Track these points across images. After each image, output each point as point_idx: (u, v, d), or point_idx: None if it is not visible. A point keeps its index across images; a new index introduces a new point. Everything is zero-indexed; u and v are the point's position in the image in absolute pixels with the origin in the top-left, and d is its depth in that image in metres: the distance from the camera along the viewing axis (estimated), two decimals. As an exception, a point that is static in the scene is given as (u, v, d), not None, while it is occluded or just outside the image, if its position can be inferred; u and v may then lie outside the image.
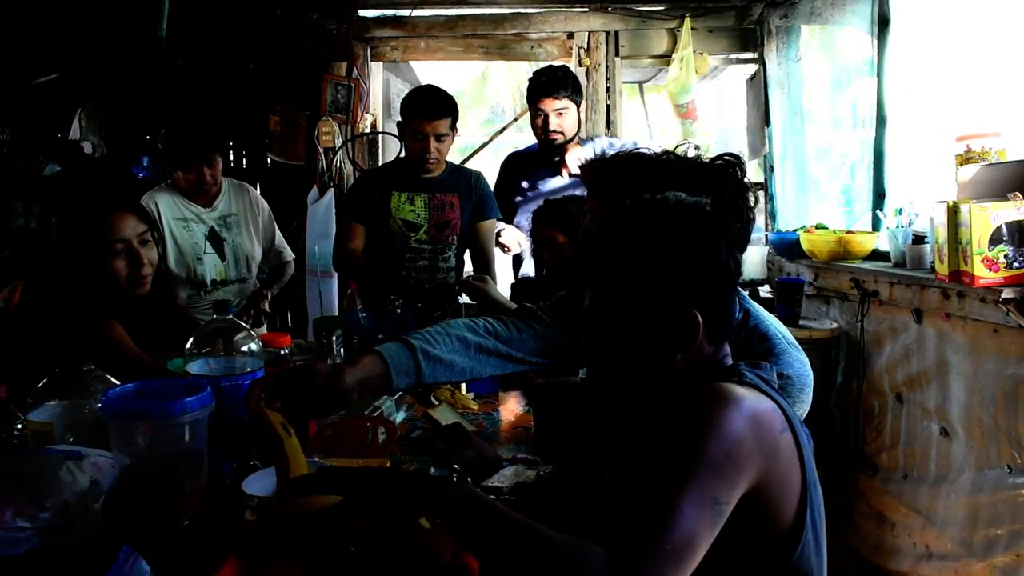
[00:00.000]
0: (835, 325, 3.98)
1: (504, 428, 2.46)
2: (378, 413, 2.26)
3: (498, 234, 3.79)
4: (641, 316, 1.33)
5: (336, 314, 4.87)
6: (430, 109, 3.38)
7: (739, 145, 5.15)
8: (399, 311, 3.17)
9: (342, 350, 2.91)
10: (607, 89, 4.96)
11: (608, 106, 4.97)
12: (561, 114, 3.73)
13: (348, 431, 2.06)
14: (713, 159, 1.90)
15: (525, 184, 3.94)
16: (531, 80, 3.83)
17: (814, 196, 4.71)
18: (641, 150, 2.01)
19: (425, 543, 1.21)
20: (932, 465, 3.39)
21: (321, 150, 4.96)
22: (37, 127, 5.44)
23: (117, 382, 1.78)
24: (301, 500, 1.22)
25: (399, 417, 2.38)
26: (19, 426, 1.87)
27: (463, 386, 2.81)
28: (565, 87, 3.71)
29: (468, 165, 4.25)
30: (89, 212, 2.58)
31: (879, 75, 3.86)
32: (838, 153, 4.55)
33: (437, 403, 2.60)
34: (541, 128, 3.77)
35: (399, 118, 3.52)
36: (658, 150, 1.99)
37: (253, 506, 1.25)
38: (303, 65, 4.85)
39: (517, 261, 4.04)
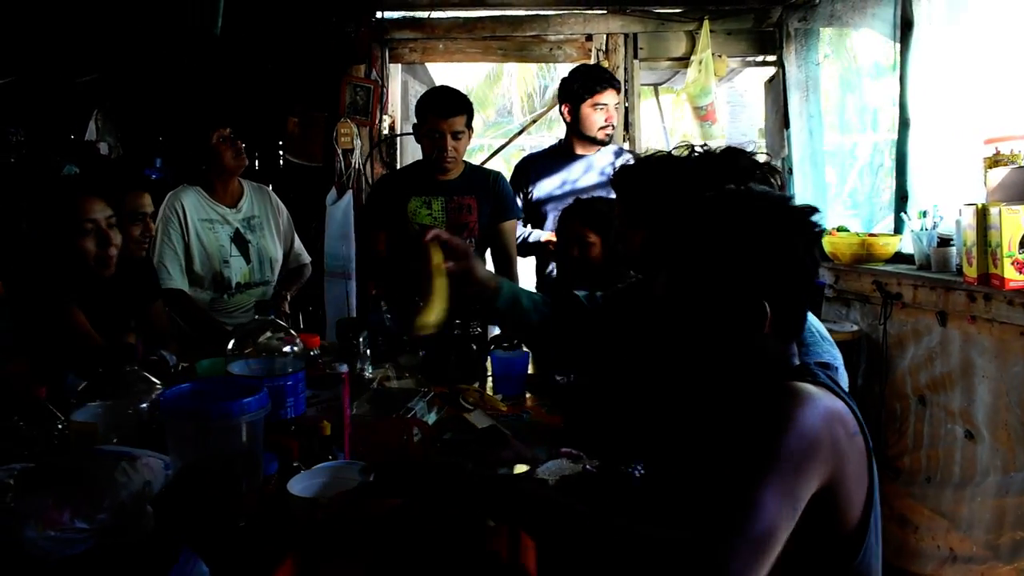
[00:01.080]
0: (855, 328, 3.97)
1: (535, 429, 2.46)
2: (411, 414, 2.26)
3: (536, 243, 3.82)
4: (712, 300, 1.34)
5: (353, 315, 4.88)
6: (445, 107, 3.39)
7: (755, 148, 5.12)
8: None
9: (368, 351, 2.91)
10: (625, 91, 4.95)
11: (626, 108, 4.96)
12: (610, 108, 3.81)
13: (384, 432, 2.06)
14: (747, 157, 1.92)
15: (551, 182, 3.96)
16: (573, 78, 3.88)
17: (831, 199, 4.70)
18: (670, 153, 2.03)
19: (487, 542, 1.21)
20: (956, 468, 3.37)
21: (340, 152, 4.97)
22: (51, 128, 5.46)
23: (158, 382, 1.78)
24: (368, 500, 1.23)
25: (430, 419, 2.38)
26: (60, 426, 1.88)
27: (488, 386, 2.82)
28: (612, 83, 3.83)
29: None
30: (61, 194, 2.75)
31: (902, 78, 3.85)
32: (854, 156, 4.54)
33: (467, 405, 2.61)
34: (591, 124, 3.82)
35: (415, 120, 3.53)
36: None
37: (322, 505, 1.25)
38: (321, 67, 4.84)
39: (541, 261, 4.03)
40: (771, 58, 5.01)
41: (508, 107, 15.39)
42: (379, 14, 4.93)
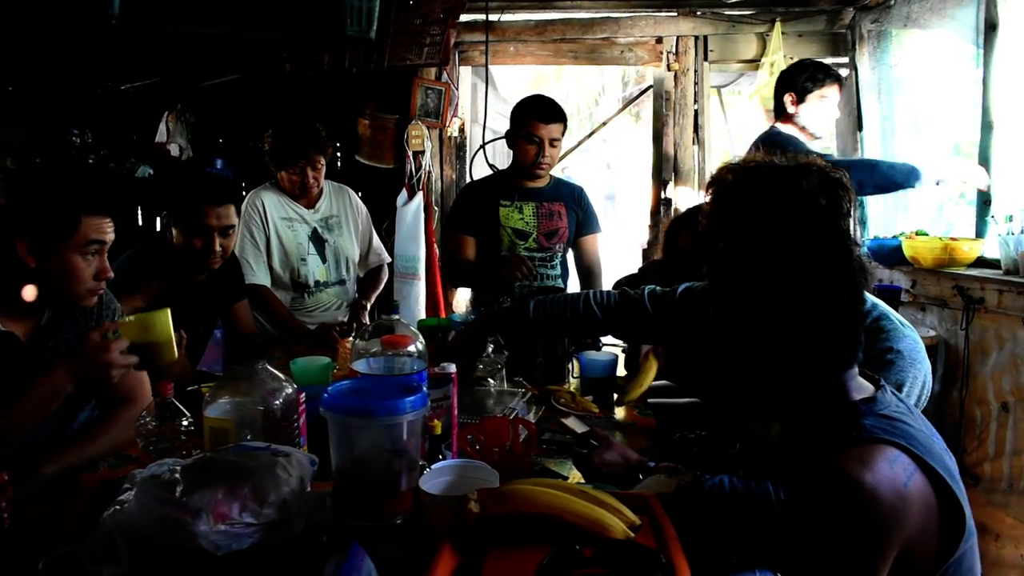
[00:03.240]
0: (933, 333, 3.92)
1: (628, 431, 2.47)
2: (514, 414, 2.28)
3: None
4: (757, 339, 1.41)
5: (423, 316, 4.92)
6: (546, 113, 3.41)
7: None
8: None
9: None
10: (695, 94, 4.94)
11: (696, 111, 4.95)
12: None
13: (492, 432, 2.08)
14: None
15: None
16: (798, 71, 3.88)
17: (901, 202, 4.66)
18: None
19: (637, 538, 1.24)
20: (1041, 476, 3.34)
21: (410, 153, 5.01)
22: (119, 129, 5.58)
23: (283, 378, 1.82)
24: (525, 496, 1.26)
25: (531, 419, 2.40)
26: (185, 423, 1.92)
27: (571, 385, 2.83)
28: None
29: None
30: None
31: (985, 80, 3.81)
32: (931, 159, 4.48)
33: (559, 406, 2.62)
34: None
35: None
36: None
37: (474, 500, 1.27)
38: (398, 69, 4.88)
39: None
40: (842, 60, 4.96)
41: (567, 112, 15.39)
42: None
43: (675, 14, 4.94)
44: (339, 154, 5.28)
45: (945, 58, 4.30)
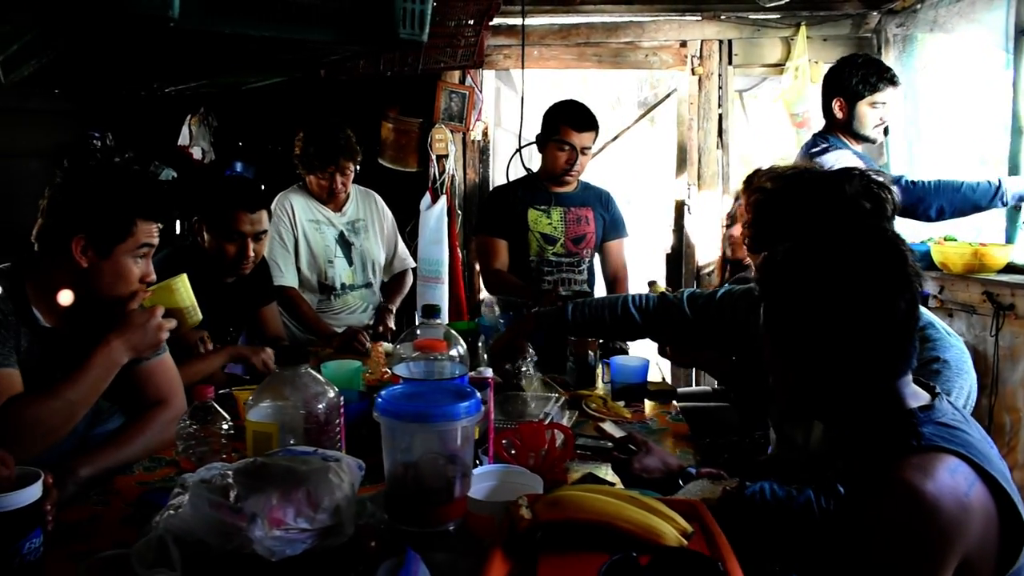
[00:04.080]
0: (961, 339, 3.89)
1: (662, 436, 2.46)
2: (549, 419, 2.28)
3: None
4: (818, 342, 1.40)
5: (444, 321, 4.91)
6: (581, 121, 3.41)
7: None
8: None
9: (486, 356, 2.94)
10: (719, 98, 4.94)
11: (720, 115, 4.94)
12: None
13: (528, 437, 2.07)
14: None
15: None
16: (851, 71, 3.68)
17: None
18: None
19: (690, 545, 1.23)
20: (1074, 484, 3.30)
21: (434, 157, 5.01)
22: (140, 132, 5.62)
23: (325, 382, 1.81)
24: (578, 503, 1.25)
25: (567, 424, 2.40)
26: (225, 426, 1.92)
27: (598, 388, 2.82)
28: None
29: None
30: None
31: (1015, 84, 3.78)
32: (958, 163, 4.46)
33: (591, 411, 2.62)
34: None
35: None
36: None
37: (525, 505, 1.27)
38: (431, 72, 4.88)
39: None
40: (867, 64, 4.94)
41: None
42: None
43: (699, 18, 4.93)
44: (365, 158, 5.28)
45: (973, 62, 4.26)
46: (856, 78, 3.54)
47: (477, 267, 4.79)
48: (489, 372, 2.09)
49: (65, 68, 1.57)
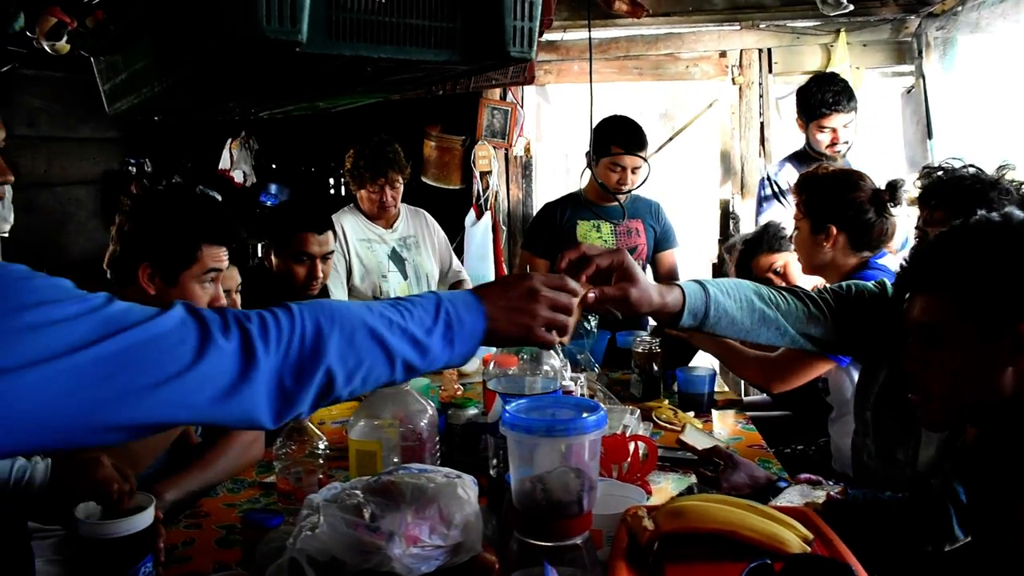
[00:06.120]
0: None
1: (736, 445, 2.47)
2: (629, 432, 2.29)
3: None
4: (975, 326, 1.37)
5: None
6: (631, 142, 3.43)
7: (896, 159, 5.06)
8: (595, 329, 3.20)
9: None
10: (760, 106, 4.95)
11: (761, 123, 4.95)
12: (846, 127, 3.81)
13: (611, 449, 2.09)
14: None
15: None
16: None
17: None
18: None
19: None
20: None
21: (477, 174, 5.05)
22: (180, 158, 5.71)
23: (425, 400, 1.84)
24: (701, 513, 1.27)
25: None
26: (321, 446, 1.95)
27: (667, 402, 2.83)
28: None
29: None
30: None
31: (1062, 86, 3.77)
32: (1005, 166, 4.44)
33: (662, 422, 2.63)
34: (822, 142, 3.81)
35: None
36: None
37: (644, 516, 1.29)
38: (484, 89, 4.93)
39: None
40: (906, 68, 4.94)
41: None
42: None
43: (738, 28, 4.94)
44: (409, 172, 5.34)
45: (1016, 64, 4.25)
46: (809, 101, 3.78)
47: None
48: (570, 383, 2.11)
49: (168, 96, 1.60)
